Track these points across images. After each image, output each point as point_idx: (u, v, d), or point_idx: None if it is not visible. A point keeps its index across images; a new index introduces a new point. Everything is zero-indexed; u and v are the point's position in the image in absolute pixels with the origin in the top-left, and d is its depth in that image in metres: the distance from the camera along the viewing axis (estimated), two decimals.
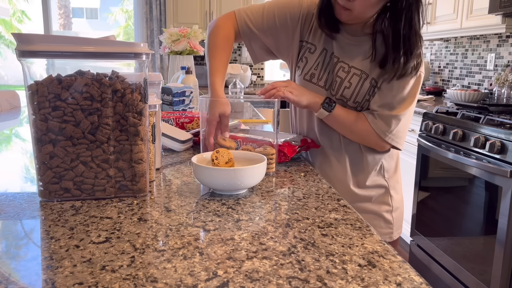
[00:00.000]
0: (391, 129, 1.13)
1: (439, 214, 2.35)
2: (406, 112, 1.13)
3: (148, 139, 0.88)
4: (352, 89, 1.14)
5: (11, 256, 0.62)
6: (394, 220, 1.28)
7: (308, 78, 1.20)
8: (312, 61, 1.20)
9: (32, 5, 11.10)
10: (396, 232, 1.30)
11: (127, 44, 0.83)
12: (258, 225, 0.73)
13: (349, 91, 1.15)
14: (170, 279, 0.55)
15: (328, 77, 1.18)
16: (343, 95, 1.16)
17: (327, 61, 1.18)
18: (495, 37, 3.02)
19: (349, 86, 1.15)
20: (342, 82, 1.15)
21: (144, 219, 0.75)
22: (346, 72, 1.15)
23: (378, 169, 1.23)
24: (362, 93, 1.14)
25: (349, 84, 1.14)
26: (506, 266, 1.85)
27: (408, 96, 1.12)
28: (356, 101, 1.15)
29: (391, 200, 1.26)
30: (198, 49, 2.33)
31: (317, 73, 1.19)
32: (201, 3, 4.25)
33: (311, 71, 1.19)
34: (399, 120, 1.13)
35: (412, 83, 1.11)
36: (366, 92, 1.14)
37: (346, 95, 1.15)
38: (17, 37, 0.76)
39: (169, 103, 1.89)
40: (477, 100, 2.71)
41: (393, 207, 1.26)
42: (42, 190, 0.82)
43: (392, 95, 1.12)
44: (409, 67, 1.08)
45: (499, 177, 1.86)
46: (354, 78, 1.14)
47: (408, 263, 0.61)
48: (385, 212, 1.25)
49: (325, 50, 1.18)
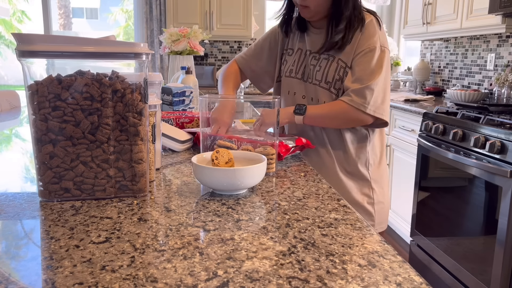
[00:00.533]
0: (368, 100, 1.22)
1: (439, 214, 2.35)
2: (378, 82, 1.22)
3: (148, 139, 0.88)
4: (322, 71, 1.30)
5: (11, 256, 0.62)
6: (376, 213, 1.36)
7: (288, 74, 1.41)
8: (290, 60, 1.41)
9: (32, 5, 11.10)
10: (378, 226, 1.38)
11: (127, 44, 0.83)
12: (258, 225, 0.73)
13: (320, 73, 1.31)
14: (170, 279, 0.55)
15: (305, 70, 1.36)
16: (316, 78, 1.32)
17: (302, 57, 1.38)
18: (495, 37, 3.02)
19: (319, 69, 1.31)
20: (314, 68, 1.33)
21: (144, 219, 0.75)
22: (317, 59, 1.33)
23: (363, 160, 1.34)
24: (331, 73, 1.29)
25: (319, 67, 1.31)
26: (506, 266, 1.85)
27: (376, 68, 1.23)
28: (327, 81, 1.30)
29: (373, 193, 1.35)
30: (198, 49, 2.33)
31: (295, 68, 1.39)
32: (201, 3, 4.25)
33: (290, 67, 1.40)
34: (372, 90, 1.22)
35: (377, 56, 1.24)
36: (335, 72, 1.28)
37: (318, 77, 1.31)
38: (17, 37, 0.76)
39: (169, 103, 1.89)
40: (477, 100, 2.71)
41: (374, 200, 1.35)
42: (42, 190, 0.82)
43: (360, 70, 1.24)
44: (335, 39, 1.25)
45: (499, 177, 1.86)
46: (323, 61, 1.31)
47: (408, 263, 0.61)
48: (366, 204, 1.35)
49: (300, 50, 1.39)
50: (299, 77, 1.37)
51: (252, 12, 4.33)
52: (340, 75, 1.28)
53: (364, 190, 1.35)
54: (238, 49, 4.74)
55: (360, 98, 1.22)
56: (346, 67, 1.27)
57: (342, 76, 1.28)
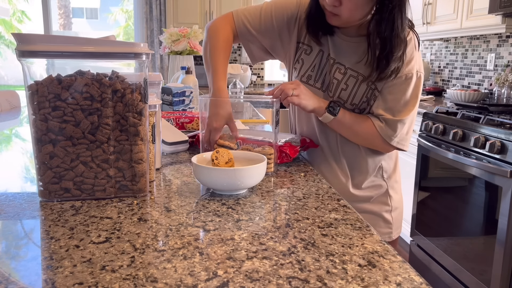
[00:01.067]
0: (397, 133, 1.13)
1: (439, 214, 2.35)
2: (411, 115, 1.13)
3: (148, 139, 0.88)
4: (349, 91, 1.14)
5: (11, 256, 0.62)
6: (394, 220, 1.29)
7: (305, 80, 1.20)
8: (308, 62, 1.20)
9: (32, 5, 11.10)
10: (395, 232, 1.31)
11: (127, 44, 0.83)
12: (258, 225, 0.73)
13: (346, 93, 1.14)
14: (170, 279, 0.55)
15: (325, 79, 1.18)
16: (340, 97, 1.15)
17: (323, 62, 1.18)
18: (495, 37, 3.02)
19: (345, 88, 1.14)
20: (339, 84, 1.15)
21: (144, 219, 0.75)
22: (343, 73, 1.15)
23: (377, 170, 1.24)
24: (358, 95, 1.14)
25: (346, 86, 1.14)
26: (506, 266, 1.85)
27: (411, 99, 1.12)
28: (353, 103, 1.15)
29: (390, 200, 1.27)
30: (198, 49, 2.33)
31: (314, 75, 1.19)
32: (201, 3, 4.25)
33: (308, 72, 1.20)
34: (404, 124, 1.13)
35: (413, 85, 1.11)
36: (363, 94, 1.14)
37: (343, 97, 1.15)
38: (17, 37, 0.76)
39: (169, 103, 1.89)
40: (477, 100, 2.71)
41: (392, 207, 1.27)
42: (42, 190, 0.82)
43: (394, 99, 1.11)
44: (390, 70, 1.07)
45: (499, 177, 1.86)
46: (351, 80, 1.14)
47: (408, 263, 0.61)
48: (384, 212, 1.26)
49: (322, 52, 1.18)
50: (318, 86, 1.19)
51: None
52: (367, 97, 1.14)
53: (382, 199, 1.26)
54: (238, 49, 4.74)
55: (390, 130, 1.13)
56: (376, 89, 1.13)
57: (369, 98, 1.14)
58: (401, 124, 1.13)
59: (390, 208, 1.27)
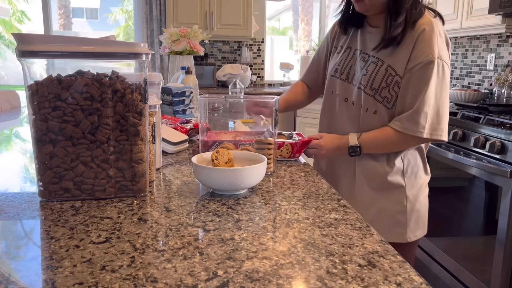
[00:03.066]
0: (422, 124, 1.14)
1: (439, 214, 2.35)
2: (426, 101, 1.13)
3: (148, 139, 0.88)
4: (368, 75, 1.21)
5: (11, 256, 0.62)
6: (409, 222, 1.26)
7: (332, 73, 1.33)
8: (336, 58, 1.34)
9: (32, 5, 11.11)
10: (412, 234, 1.28)
11: (127, 44, 0.83)
12: (258, 225, 0.73)
13: (366, 77, 1.22)
14: (170, 279, 0.55)
15: (350, 71, 1.28)
16: (361, 82, 1.23)
17: (350, 56, 1.30)
18: (495, 37, 3.02)
19: (366, 73, 1.22)
20: (361, 71, 1.24)
21: (144, 219, 0.75)
22: (365, 61, 1.24)
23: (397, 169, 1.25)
24: (377, 79, 1.20)
25: (366, 71, 1.22)
26: (506, 266, 1.85)
27: (423, 84, 1.13)
28: (372, 87, 1.21)
29: (406, 201, 1.25)
30: (198, 49, 2.33)
31: (340, 68, 1.31)
32: (201, 3, 4.25)
33: (335, 67, 1.33)
34: (425, 113, 1.13)
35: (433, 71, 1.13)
36: (382, 79, 1.19)
37: (364, 82, 1.22)
38: (17, 37, 0.76)
39: (169, 103, 1.89)
40: (477, 100, 2.71)
41: (407, 208, 1.25)
42: (42, 190, 0.82)
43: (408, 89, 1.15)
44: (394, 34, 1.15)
45: (499, 177, 1.86)
46: (371, 65, 1.22)
47: (408, 263, 0.61)
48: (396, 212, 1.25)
49: (349, 48, 1.31)
50: (343, 78, 1.29)
51: (252, 12, 4.33)
52: (387, 83, 1.18)
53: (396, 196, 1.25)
54: (238, 49, 4.74)
55: (413, 124, 1.14)
56: (397, 75, 1.17)
57: (389, 84, 1.18)
58: (422, 114, 1.13)
59: (404, 209, 1.25)
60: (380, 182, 1.25)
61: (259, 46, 4.78)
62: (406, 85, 1.16)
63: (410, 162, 1.26)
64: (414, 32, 1.15)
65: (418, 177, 1.28)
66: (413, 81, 1.14)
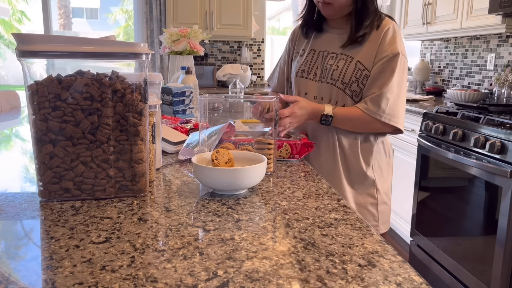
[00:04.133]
0: (382, 108, 1.24)
1: (439, 214, 2.35)
2: (390, 89, 1.24)
3: (148, 139, 0.88)
4: (339, 71, 1.30)
5: (11, 256, 0.62)
6: (380, 214, 1.37)
7: (299, 74, 1.40)
8: (301, 61, 1.41)
9: (32, 6, 11.11)
10: (382, 226, 1.38)
11: (127, 44, 0.83)
12: (258, 225, 0.73)
13: (337, 73, 1.30)
14: (170, 279, 0.55)
15: (317, 71, 1.36)
16: (332, 77, 1.31)
17: (315, 58, 1.37)
18: (495, 37, 3.02)
19: (336, 69, 1.31)
20: (331, 67, 1.32)
21: (144, 219, 0.75)
22: (334, 58, 1.32)
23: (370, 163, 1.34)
24: (348, 74, 1.28)
25: (337, 67, 1.31)
26: (506, 266, 1.85)
27: (388, 74, 1.24)
28: (343, 81, 1.29)
29: (377, 194, 1.35)
30: (198, 49, 2.33)
31: (307, 68, 1.38)
32: (201, 3, 4.25)
33: (301, 68, 1.40)
34: (386, 99, 1.23)
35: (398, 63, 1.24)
36: (352, 74, 1.28)
37: (334, 77, 1.30)
38: (17, 37, 0.76)
39: (169, 103, 1.89)
40: (477, 100, 2.71)
41: (378, 201, 1.36)
42: (42, 190, 0.82)
43: (380, 77, 1.25)
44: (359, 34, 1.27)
45: (499, 177, 1.86)
46: (341, 61, 1.30)
47: (408, 263, 0.61)
48: (369, 205, 1.35)
49: (313, 50, 1.39)
50: (311, 77, 1.36)
51: (252, 12, 4.33)
52: (357, 77, 1.28)
53: (369, 191, 1.35)
54: (238, 49, 4.74)
55: (374, 106, 1.24)
56: (365, 69, 1.27)
57: (358, 78, 1.28)
58: (383, 98, 1.23)
59: (376, 201, 1.35)
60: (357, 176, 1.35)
61: (259, 46, 4.78)
62: (374, 72, 1.26)
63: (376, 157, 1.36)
64: (380, 31, 1.27)
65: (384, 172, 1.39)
66: (379, 72, 1.25)
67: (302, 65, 1.39)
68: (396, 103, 1.25)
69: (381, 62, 1.25)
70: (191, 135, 1.25)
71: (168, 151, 1.25)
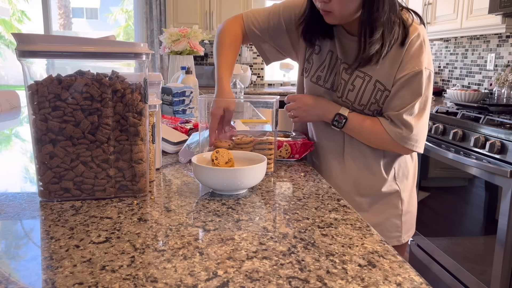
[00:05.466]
0: (409, 135, 1.09)
1: (439, 214, 2.35)
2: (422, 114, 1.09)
3: (148, 139, 0.88)
4: (356, 91, 1.12)
5: (11, 256, 0.62)
6: (403, 224, 1.23)
7: (314, 80, 1.19)
8: (317, 63, 1.19)
9: (32, 5, 11.11)
10: (405, 235, 1.25)
11: (127, 44, 0.83)
12: (258, 225, 0.73)
13: (353, 94, 1.12)
14: (170, 279, 0.55)
15: (335, 80, 1.16)
16: (348, 98, 1.13)
17: (332, 63, 1.16)
18: (495, 37, 3.02)
19: (352, 89, 1.12)
20: (346, 85, 1.13)
21: (144, 219, 0.75)
22: (349, 74, 1.12)
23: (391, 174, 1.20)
24: (366, 96, 1.11)
25: (353, 86, 1.12)
26: (506, 266, 1.85)
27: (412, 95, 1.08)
28: (361, 104, 1.13)
29: (401, 204, 1.22)
30: (198, 49, 2.33)
31: (323, 75, 1.18)
32: (201, 3, 4.25)
33: (317, 73, 1.19)
34: (412, 125, 1.08)
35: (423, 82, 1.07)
36: (371, 95, 1.11)
37: (350, 98, 1.13)
38: (17, 37, 0.76)
39: (169, 103, 1.89)
40: (477, 100, 2.71)
41: (403, 211, 1.22)
42: (42, 190, 0.82)
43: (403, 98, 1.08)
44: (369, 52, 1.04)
45: (499, 177, 1.86)
46: (357, 80, 1.11)
47: (408, 263, 0.61)
48: (393, 216, 1.22)
49: (331, 52, 1.17)
50: (328, 86, 1.17)
51: None
52: (376, 99, 1.11)
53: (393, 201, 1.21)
54: None
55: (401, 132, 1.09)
56: (385, 90, 1.09)
57: (378, 100, 1.11)
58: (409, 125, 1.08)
59: (400, 212, 1.22)
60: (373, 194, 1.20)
61: None
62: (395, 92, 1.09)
63: (400, 166, 1.21)
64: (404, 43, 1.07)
65: (409, 178, 1.25)
66: (403, 89, 1.08)
67: (318, 69, 1.18)
68: (422, 127, 1.11)
69: (402, 80, 1.07)
70: (192, 136, 1.25)
71: (168, 151, 1.25)
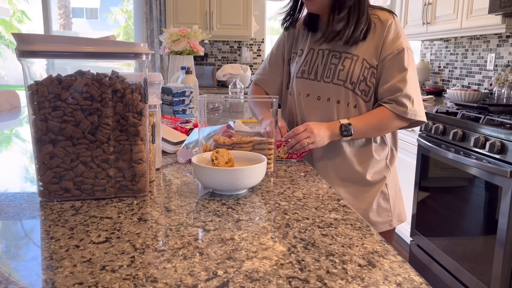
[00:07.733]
0: (408, 107, 1.23)
1: (439, 214, 2.35)
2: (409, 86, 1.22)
3: (148, 139, 0.88)
4: (346, 71, 1.26)
5: (11, 256, 0.62)
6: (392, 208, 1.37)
7: (299, 75, 1.35)
8: (300, 61, 1.36)
9: (32, 5, 11.11)
10: (397, 219, 1.38)
11: (127, 44, 0.83)
12: (258, 225, 0.73)
13: (344, 73, 1.26)
14: (170, 279, 0.55)
15: (318, 69, 1.31)
16: (339, 78, 1.27)
17: (315, 57, 1.32)
18: (495, 37, 3.02)
19: (342, 69, 1.27)
20: (336, 67, 1.27)
21: (144, 219, 0.75)
22: (338, 58, 1.28)
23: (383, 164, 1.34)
24: (356, 73, 1.25)
25: (343, 67, 1.27)
26: (506, 266, 1.85)
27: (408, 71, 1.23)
28: (352, 81, 1.26)
29: (387, 188, 1.36)
30: (198, 49, 2.33)
31: (307, 69, 1.33)
32: (201, 3, 4.25)
33: (301, 68, 1.34)
34: (409, 96, 1.22)
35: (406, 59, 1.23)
36: (360, 73, 1.25)
37: (342, 77, 1.26)
38: (17, 37, 0.76)
39: (169, 103, 1.89)
40: (477, 100, 2.71)
41: (389, 195, 1.36)
42: (42, 190, 0.82)
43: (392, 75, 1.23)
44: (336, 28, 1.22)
45: (499, 177, 1.86)
46: (346, 61, 1.26)
47: (408, 263, 0.61)
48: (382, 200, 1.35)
49: (312, 49, 1.34)
50: (312, 77, 1.31)
51: (252, 12, 4.33)
52: (364, 76, 1.25)
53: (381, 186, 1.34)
54: (238, 49, 4.74)
55: (400, 106, 1.22)
56: (371, 67, 1.25)
57: (366, 77, 1.25)
58: (407, 97, 1.22)
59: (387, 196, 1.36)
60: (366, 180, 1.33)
61: (259, 46, 4.78)
62: (384, 70, 1.24)
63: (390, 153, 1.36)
64: (383, 26, 1.24)
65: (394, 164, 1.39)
66: (390, 67, 1.23)
67: (302, 65, 1.34)
68: (417, 98, 1.24)
69: (388, 59, 1.23)
70: (190, 135, 1.25)
71: (168, 151, 1.25)
